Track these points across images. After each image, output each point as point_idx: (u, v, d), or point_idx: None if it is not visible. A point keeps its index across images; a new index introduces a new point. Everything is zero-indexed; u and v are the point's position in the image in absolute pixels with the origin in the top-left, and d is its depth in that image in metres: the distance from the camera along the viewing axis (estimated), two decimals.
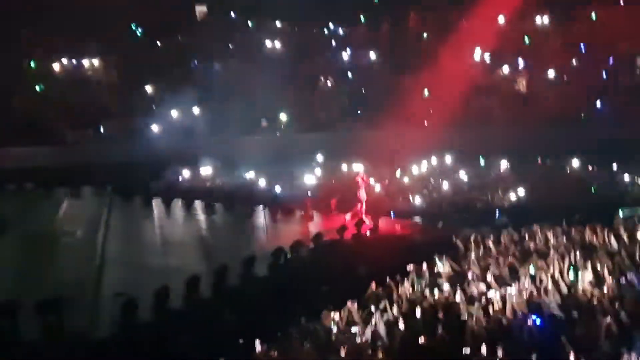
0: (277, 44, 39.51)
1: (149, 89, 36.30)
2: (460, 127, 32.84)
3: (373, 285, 17.43)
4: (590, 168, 29.72)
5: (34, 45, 37.89)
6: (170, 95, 35.49)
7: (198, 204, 28.57)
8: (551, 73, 36.51)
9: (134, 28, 40.34)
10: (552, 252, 18.03)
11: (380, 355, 13.24)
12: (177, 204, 28.79)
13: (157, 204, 28.85)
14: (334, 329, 14.95)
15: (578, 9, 39.51)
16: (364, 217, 24.41)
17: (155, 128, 33.67)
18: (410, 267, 18.49)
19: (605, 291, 14.64)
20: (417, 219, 25.64)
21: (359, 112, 34.95)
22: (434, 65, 35.78)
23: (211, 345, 15.00)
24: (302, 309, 16.36)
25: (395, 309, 15.51)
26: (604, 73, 36.69)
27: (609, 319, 12.62)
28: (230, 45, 39.75)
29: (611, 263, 16.54)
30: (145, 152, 31.73)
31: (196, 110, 34.74)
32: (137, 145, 32.53)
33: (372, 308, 15.71)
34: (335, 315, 15.62)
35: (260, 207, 27.58)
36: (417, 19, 40.81)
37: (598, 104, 34.69)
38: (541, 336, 12.90)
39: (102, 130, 33.99)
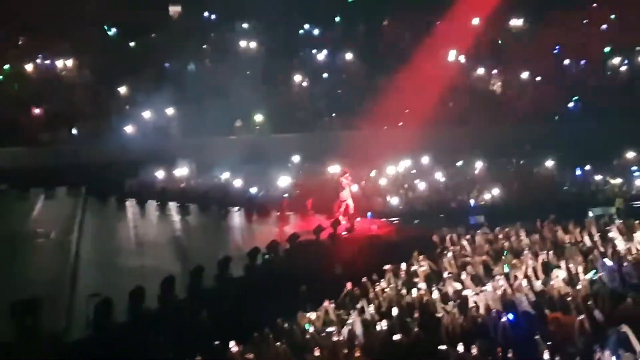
0: (252, 44, 39.42)
1: (122, 89, 36.01)
2: (435, 127, 33.00)
3: (349, 285, 17.51)
4: (562, 168, 30.01)
5: (7, 47, 37.51)
6: (144, 96, 35.24)
7: (173, 205, 28.42)
8: (525, 74, 36.81)
9: (107, 28, 40.05)
10: (525, 250, 18.22)
11: (357, 354, 13.28)
12: (152, 205, 28.62)
13: (131, 204, 28.66)
14: (311, 329, 14.98)
15: (550, 11, 39.86)
16: (345, 217, 24.34)
17: (129, 129, 33.42)
18: (386, 266, 18.61)
19: (578, 289, 14.78)
20: (394, 219, 25.69)
21: (334, 113, 34.92)
22: (409, 66, 35.92)
23: (187, 345, 14.96)
24: (278, 309, 16.37)
25: (371, 308, 15.58)
26: (575, 74, 37.11)
27: (582, 316, 12.75)
28: (204, 45, 39.57)
29: (584, 261, 16.72)
30: (119, 153, 31.48)
31: (170, 110, 34.52)
32: (111, 145, 32.23)
33: (349, 308, 15.78)
34: (311, 315, 15.66)
35: (236, 207, 27.50)
36: (392, 20, 40.96)
37: (570, 104, 35.03)
38: (515, 334, 13.01)
39: (75, 131, 33.66)
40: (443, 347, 13.01)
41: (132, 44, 39.45)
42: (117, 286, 17.76)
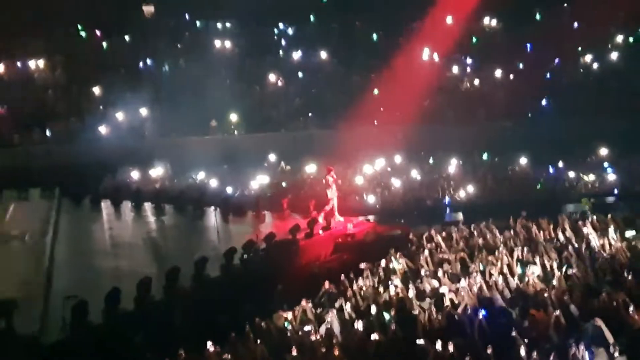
0: (227, 44, 39.32)
1: (96, 89, 35.78)
2: (411, 126, 33.13)
3: (327, 284, 17.54)
4: (536, 165, 30.25)
5: None
6: (118, 96, 35.06)
7: (148, 206, 28.29)
8: (498, 72, 37.06)
9: (80, 28, 39.75)
10: (500, 247, 18.36)
11: (335, 352, 13.31)
12: (127, 206, 28.47)
13: (106, 205, 28.49)
14: (288, 328, 14.99)
15: (524, 10, 40.19)
16: (331, 215, 24.33)
17: (103, 129, 33.23)
18: (363, 265, 18.67)
19: (553, 284, 14.92)
20: (371, 217, 25.76)
21: (309, 112, 34.94)
22: (384, 65, 36.08)
23: (163, 346, 14.90)
24: (256, 309, 16.36)
25: (349, 306, 15.62)
26: (548, 72, 37.42)
27: (557, 311, 12.86)
28: (178, 45, 39.42)
29: (558, 257, 16.88)
30: (93, 154, 31.28)
31: (145, 110, 34.36)
32: (85, 146, 32.05)
33: (327, 306, 15.81)
34: (288, 314, 15.67)
35: (212, 207, 27.42)
36: (366, 19, 41.05)
37: (544, 102, 35.32)
38: (492, 330, 13.10)
39: (49, 131, 33.38)
40: (421, 341, 13.09)
41: (105, 44, 39.20)
42: (93, 288, 17.64)
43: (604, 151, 30.45)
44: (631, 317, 12.25)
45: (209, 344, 14.22)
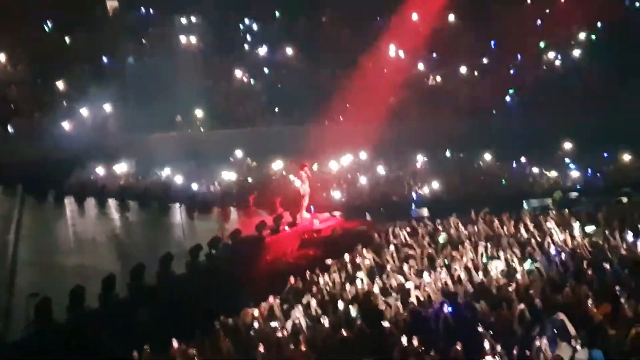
0: (192, 39, 39.08)
1: (59, 85, 35.36)
2: (377, 122, 33.23)
3: (292, 279, 17.56)
4: (500, 161, 30.51)
5: None
6: (82, 92, 34.72)
7: (112, 202, 28.07)
8: (463, 69, 37.30)
9: (43, 23, 39.24)
10: (465, 242, 18.52)
11: (302, 348, 13.33)
12: (91, 203, 28.21)
13: (70, 202, 28.22)
14: (254, 325, 14.97)
15: (488, 6, 40.46)
16: (305, 210, 24.34)
17: (66, 125, 32.87)
18: (329, 261, 18.72)
19: (517, 279, 15.08)
20: (337, 213, 25.81)
21: (276, 108, 34.89)
22: (350, 61, 36.12)
23: (128, 344, 14.81)
24: (221, 306, 16.32)
25: (315, 302, 15.65)
26: (513, 69, 37.75)
27: (522, 305, 13.01)
28: (143, 40, 39.09)
29: (521, 252, 17.07)
30: (57, 150, 30.94)
31: (109, 106, 34.05)
32: (49, 143, 31.67)
33: (293, 302, 15.82)
34: (255, 311, 15.65)
35: (177, 204, 27.26)
36: (332, 15, 41.05)
37: (507, 98, 35.63)
38: (456, 324, 13.21)
39: (11, 128, 32.96)
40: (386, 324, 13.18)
41: (68, 39, 38.75)
42: (56, 285, 17.49)
43: (567, 147, 30.80)
44: (591, 311, 12.43)
45: (175, 342, 14.15)
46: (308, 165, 24.98)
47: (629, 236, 17.03)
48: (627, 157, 29.01)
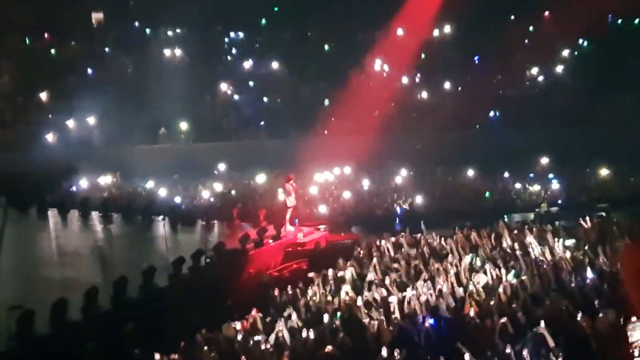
0: (177, 52, 39.15)
1: (43, 97, 35.31)
2: (361, 136, 33.39)
3: (276, 292, 17.58)
4: (483, 176, 30.68)
5: None
6: (66, 104, 34.68)
7: (96, 215, 28.00)
8: (447, 84, 37.55)
9: (28, 34, 39.20)
10: (449, 256, 18.61)
11: None
12: (74, 215, 28.12)
13: (53, 214, 28.13)
14: (237, 338, 14.96)
15: (472, 23, 40.81)
16: (289, 224, 24.34)
17: (50, 137, 32.81)
18: (312, 274, 18.75)
19: (499, 292, 15.15)
20: (322, 226, 25.86)
21: (260, 121, 34.97)
22: (335, 75, 36.30)
23: (111, 356, 14.77)
24: (204, 319, 16.30)
25: (298, 316, 15.66)
26: (496, 84, 38.04)
27: (504, 319, 13.08)
28: (128, 52, 39.12)
29: (504, 265, 17.16)
30: (40, 162, 30.89)
31: (93, 118, 34.02)
32: (32, 154, 31.63)
33: (276, 316, 15.82)
34: (238, 324, 15.65)
35: (160, 217, 27.20)
36: (318, 29, 41.25)
37: (491, 113, 35.87)
38: (438, 338, 13.27)
39: None
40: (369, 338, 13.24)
41: (54, 50, 38.72)
42: (39, 298, 17.39)
43: (549, 162, 31.05)
44: (578, 324, 12.53)
45: (157, 355, 14.12)
46: (294, 177, 25.02)
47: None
48: (605, 172, 29.32)
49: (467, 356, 11.89)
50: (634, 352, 10.21)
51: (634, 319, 10.48)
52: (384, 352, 12.62)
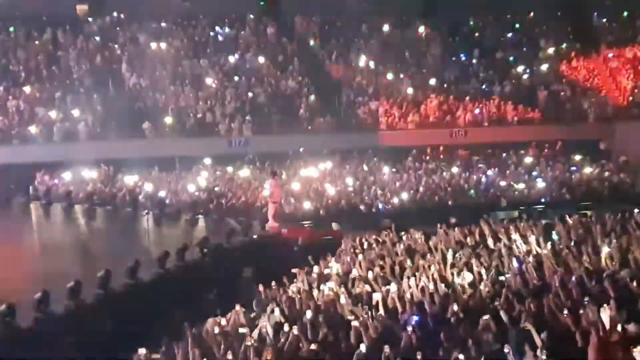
0: (162, 45, 38.97)
1: (27, 89, 35.04)
2: (345, 131, 33.47)
3: (260, 288, 17.56)
4: (468, 172, 30.82)
5: None
6: (50, 96, 34.45)
7: (79, 208, 27.85)
8: (432, 80, 37.66)
9: (11, 25, 38.87)
10: (433, 252, 18.65)
11: (268, 356, 13.31)
12: (57, 209, 27.96)
13: (36, 207, 27.96)
14: (222, 333, 14.93)
15: (459, 19, 41.02)
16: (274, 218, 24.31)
17: (33, 129, 32.58)
18: (296, 270, 18.74)
19: (483, 290, 15.20)
20: (305, 222, 25.86)
21: (245, 116, 34.89)
22: (320, 70, 36.35)
23: (93, 351, 14.70)
24: (190, 314, 16.25)
25: (281, 311, 15.65)
26: (480, 81, 38.24)
27: (487, 316, 13.11)
28: (112, 45, 38.89)
29: (488, 263, 17.21)
30: (24, 155, 30.73)
31: (77, 111, 33.81)
32: (16, 147, 31.44)
33: (260, 311, 15.81)
34: (221, 319, 15.62)
35: (145, 211, 27.11)
36: (304, 23, 41.24)
37: (477, 111, 36.02)
38: (423, 335, 13.28)
39: None
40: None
41: (37, 42, 38.44)
42: (21, 291, 17.28)
43: (534, 159, 31.22)
44: (562, 320, 12.58)
45: (140, 350, 14.06)
46: (278, 173, 25.02)
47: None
48: (588, 170, 29.55)
49: (453, 355, 11.92)
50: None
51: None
52: (363, 348, 12.65)
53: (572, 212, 21.64)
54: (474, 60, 39.20)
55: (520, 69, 38.72)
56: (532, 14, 42.21)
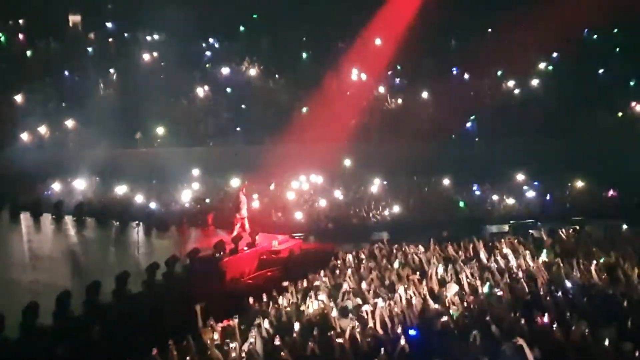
0: (155, 56, 38.92)
1: (18, 98, 34.92)
2: (337, 144, 33.41)
3: (251, 301, 17.47)
4: (459, 186, 30.79)
5: None
6: (42, 106, 34.36)
7: (69, 219, 27.70)
8: (424, 94, 37.68)
9: (2, 35, 38.80)
10: (424, 266, 18.60)
11: None
12: (47, 219, 27.79)
13: (25, 217, 27.80)
14: (211, 345, 14.84)
15: (450, 33, 41.07)
16: (245, 232, 24.19)
17: (24, 139, 32.46)
18: (286, 282, 18.65)
19: (474, 304, 15.16)
20: (296, 234, 25.79)
21: (237, 127, 34.82)
22: (312, 83, 36.32)
23: None
24: (178, 326, 16.14)
25: (271, 324, 15.57)
26: (473, 95, 38.26)
27: (475, 332, 13.07)
28: (105, 55, 38.83)
29: (479, 277, 17.18)
30: (14, 164, 30.56)
31: (69, 121, 33.71)
32: (6, 157, 31.28)
33: (250, 324, 15.72)
34: (211, 331, 15.52)
35: (135, 222, 26.97)
36: (296, 36, 41.26)
37: (468, 124, 36.05)
38: (414, 350, 13.23)
39: None
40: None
41: (29, 52, 38.35)
42: (10, 302, 17.16)
43: (525, 173, 31.22)
44: (554, 335, 12.57)
45: None
46: (246, 186, 25.00)
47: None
48: (580, 184, 29.58)
49: None
50: None
51: None
52: None
53: (564, 227, 21.63)
54: None
55: None
56: None
